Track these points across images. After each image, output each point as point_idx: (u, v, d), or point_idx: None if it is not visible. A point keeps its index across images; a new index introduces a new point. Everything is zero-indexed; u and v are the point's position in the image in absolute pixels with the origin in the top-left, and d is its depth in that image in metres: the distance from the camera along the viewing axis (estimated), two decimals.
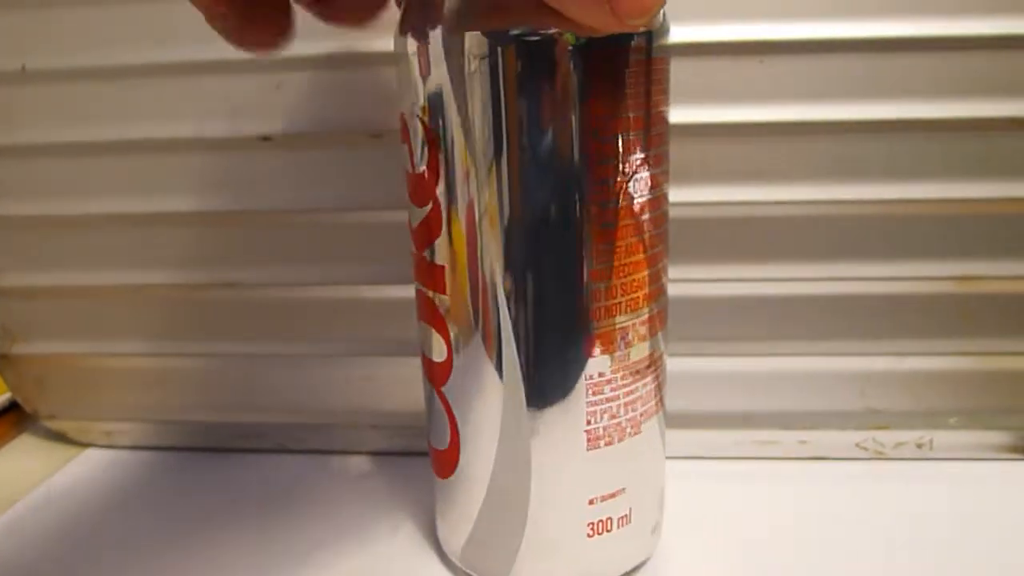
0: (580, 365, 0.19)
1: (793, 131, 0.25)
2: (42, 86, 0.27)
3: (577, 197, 0.18)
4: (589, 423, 0.19)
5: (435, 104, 0.18)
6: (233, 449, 0.30)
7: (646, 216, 0.19)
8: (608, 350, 0.19)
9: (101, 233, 0.29)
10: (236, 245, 0.28)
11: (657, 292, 0.20)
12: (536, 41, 0.17)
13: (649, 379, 0.20)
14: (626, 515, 0.21)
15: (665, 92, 0.19)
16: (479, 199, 0.18)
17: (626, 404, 0.20)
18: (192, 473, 0.29)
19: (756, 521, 0.25)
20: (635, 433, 0.20)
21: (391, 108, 0.26)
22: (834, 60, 0.24)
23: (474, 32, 0.17)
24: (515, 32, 0.17)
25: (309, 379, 0.30)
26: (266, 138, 0.27)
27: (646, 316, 0.20)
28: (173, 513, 0.27)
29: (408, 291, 0.27)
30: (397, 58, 0.19)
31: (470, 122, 0.18)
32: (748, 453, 0.28)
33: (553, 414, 0.19)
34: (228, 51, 0.27)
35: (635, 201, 0.18)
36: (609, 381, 0.19)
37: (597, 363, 0.19)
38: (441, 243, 0.19)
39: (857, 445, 0.28)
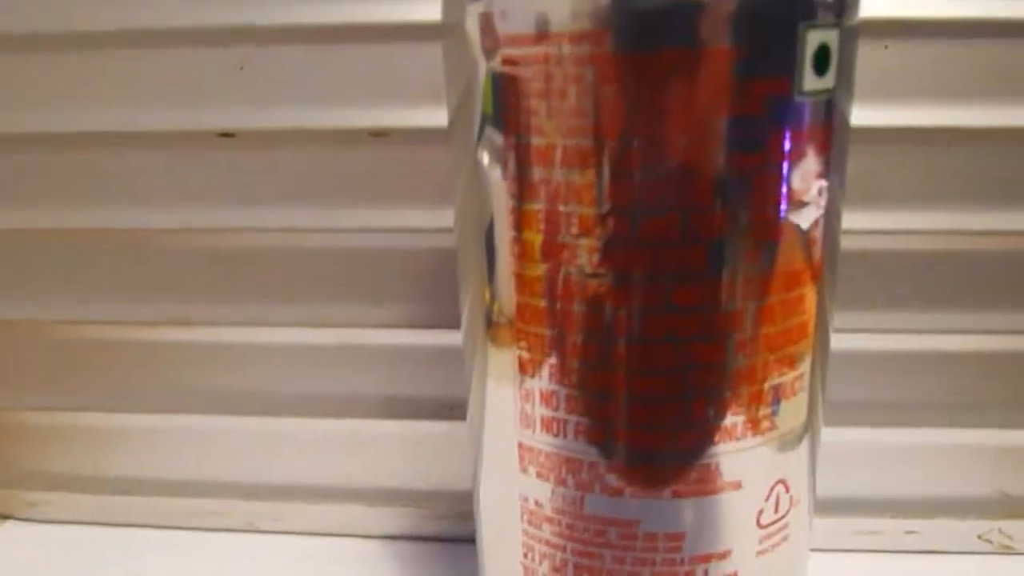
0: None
1: (926, 139, 0.20)
2: None
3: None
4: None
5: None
6: (189, 528, 0.25)
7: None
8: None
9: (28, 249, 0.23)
10: (191, 273, 0.23)
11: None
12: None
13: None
14: None
15: (850, 82, 0.13)
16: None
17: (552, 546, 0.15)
18: (135, 556, 0.24)
19: None
20: None
21: (400, 97, 0.20)
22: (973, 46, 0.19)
23: None
24: None
25: (285, 444, 0.24)
26: (227, 134, 0.21)
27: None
28: None
29: (424, 337, 0.23)
30: (448, 29, 0.14)
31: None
32: (844, 545, 0.23)
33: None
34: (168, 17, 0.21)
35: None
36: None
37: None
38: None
39: (980, 537, 0.23)
